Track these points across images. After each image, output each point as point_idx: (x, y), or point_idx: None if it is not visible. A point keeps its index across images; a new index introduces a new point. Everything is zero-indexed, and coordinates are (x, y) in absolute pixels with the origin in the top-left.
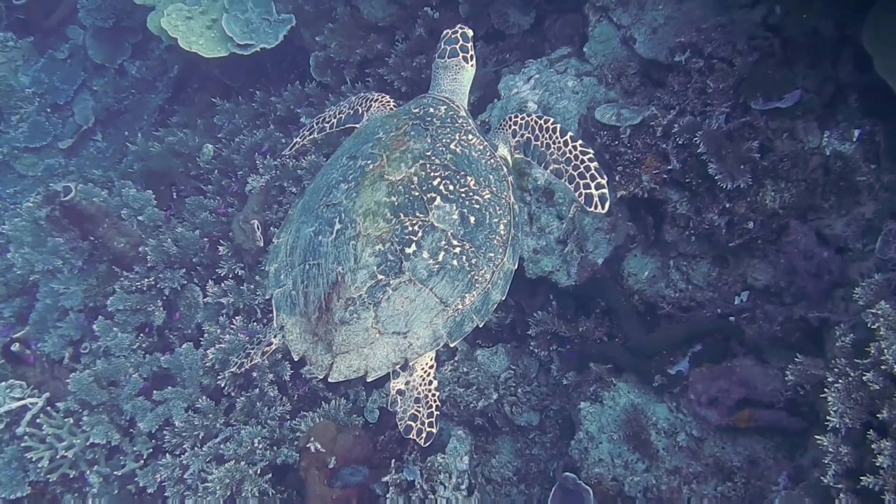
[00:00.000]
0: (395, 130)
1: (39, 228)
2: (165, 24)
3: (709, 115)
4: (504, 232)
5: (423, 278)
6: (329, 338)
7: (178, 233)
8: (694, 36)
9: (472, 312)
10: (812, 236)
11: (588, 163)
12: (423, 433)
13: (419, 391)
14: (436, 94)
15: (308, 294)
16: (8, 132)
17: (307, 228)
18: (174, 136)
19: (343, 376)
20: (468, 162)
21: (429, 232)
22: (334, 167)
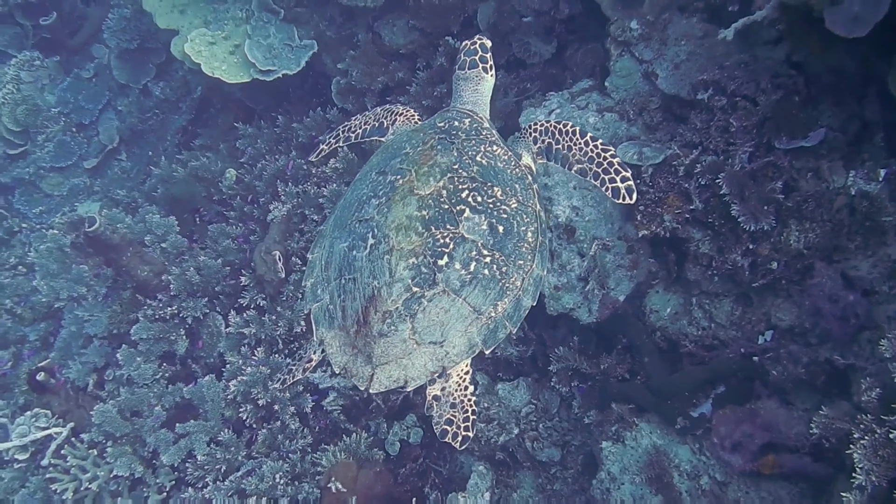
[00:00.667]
0: (422, 145)
1: (64, 255)
2: (189, 49)
3: (732, 153)
4: (532, 239)
5: (457, 288)
6: (368, 350)
7: (200, 261)
8: (717, 73)
9: (504, 319)
10: (837, 279)
11: (611, 159)
12: (459, 437)
13: (455, 396)
14: (459, 106)
15: (346, 308)
16: (34, 151)
17: (341, 244)
18: (197, 160)
19: (384, 387)
20: (494, 172)
21: (460, 243)
22: (364, 183)
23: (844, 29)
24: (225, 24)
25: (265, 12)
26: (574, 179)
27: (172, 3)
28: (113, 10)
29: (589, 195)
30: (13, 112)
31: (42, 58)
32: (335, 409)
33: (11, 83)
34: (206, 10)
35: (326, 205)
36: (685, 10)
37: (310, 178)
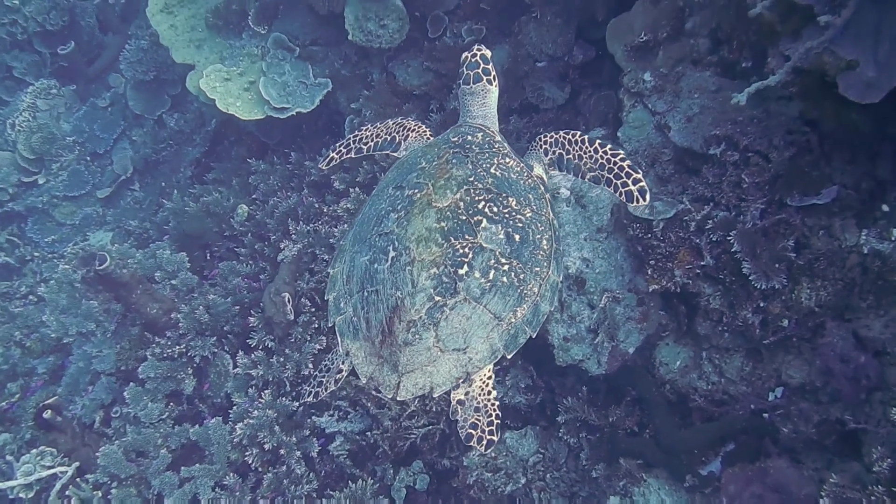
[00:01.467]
0: (438, 159)
1: (74, 290)
2: (204, 85)
3: (744, 209)
4: (547, 246)
5: (477, 296)
6: (394, 359)
7: (210, 300)
8: (729, 128)
9: (524, 325)
10: (849, 339)
11: (621, 163)
12: (484, 440)
13: (479, 401)
14: (470, 121)
15: (370, 319)
16: (48, 180)
17: (361, 257)
18: (209, 195)
19: (410, 394)
20: (508, 183)
21: (478, 253)
22: (381, 198)
23: (858, 94)
24: (240, 61)
25: (280, 50)
26: (585, 231)
27: (189, 38)
28: (130, 42)
29: (599, 247)
30: (28, 140)
31: (59, 86)
32: (341, 453)
33: (28, 111)
34: (222, 46)
35: (337, 245)
36: (698, 63)
37: (321, 216)
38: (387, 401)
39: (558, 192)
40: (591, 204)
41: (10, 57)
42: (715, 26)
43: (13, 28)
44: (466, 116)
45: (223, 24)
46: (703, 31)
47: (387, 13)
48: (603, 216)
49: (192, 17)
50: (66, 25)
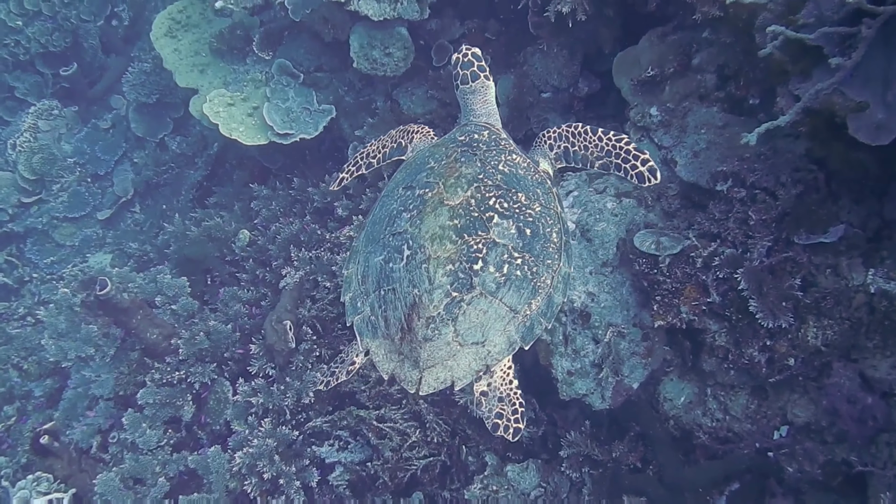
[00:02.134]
0: (446, 158)
1: (74, 314)
2: (207, 110)
3: (750, 247)
4: (557, 239)
5: (493, 290)
6: (415, 355)
7: (210, 326)
8: (736, 165)
9: (539, 316)
10: (856, 380)
11: (627, 146)
12: (511, 429)
13: (501, 391)
14: (474, 119)
15: (388, 318)
16: (48, 201)
17: (376, 257)
18: (211, 219)
19: (432, 388)
20: (516, 179)
21: (492, 248)
22: (392, 198)
23: (868, 137)
24: (244, 86)
25: (284, 76)
26: (590, 265)
27: (193, 63)
28: (133, 64)
29: (605, 281)
30: (29, 160)
31: (60, 107)
32: (341, 483)
33: (29, 131)
34: (225, 71)
35: (339, 272)
36: (705, 99)
37: (324, 243)
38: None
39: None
40: (596, 238)
41: (11, 77)
42: (722, 63)
43: (16, 49)
44: (470, 115)
45: (227, 49)
46: (710, 67)
47: (392, 42)
48: (609, 250)
49: (196, 41)
50: (68, 47)
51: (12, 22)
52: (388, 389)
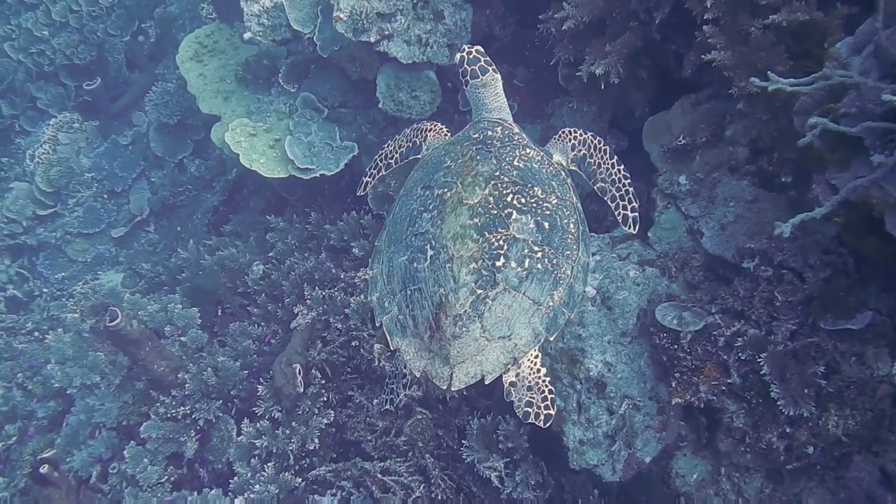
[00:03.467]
0: (462, 157)
1: (82, 340)
2: (229, 139)
3: (775, 329)
4: (574, 230)
5: (516, 285)
6: (444, 352)
7: (219, 362)
8: (764, 243)
9: (562, 307)
10: (875, 474)
11: (628, 188)
12: (542, 416)
13: (530, 380)
14: (486, 115)
15: (416, 317)
16: (63, 215)
17: (400, 258)
18: (225, 249)
19: (463, 383)
20: (532, 174)
21: (512, 244)
22: (411, 198)
23: None
24: (267, 117)
25: (309, 109)
26: (609, 333)
27: (217, 89)
28: (157, 84)
29: (623, 351)
30: (47, 172)
31: (81, 120)
32: None
33: (48, 143)
34: (249, 100)
35: (352, 315)
36: (736, 171)
37: (337, 282)
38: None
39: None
40: (617, 307)
41: (35, 87)
42: (755, 136)
43: (40, 58)
44: (482, 111)
45: (252, 78)
46: (742, 139)
47: (420, 85)
48: (629, 320)
49: (222, 67)
50: (93, 60)
51: (39, 31)
52: (395, 441)
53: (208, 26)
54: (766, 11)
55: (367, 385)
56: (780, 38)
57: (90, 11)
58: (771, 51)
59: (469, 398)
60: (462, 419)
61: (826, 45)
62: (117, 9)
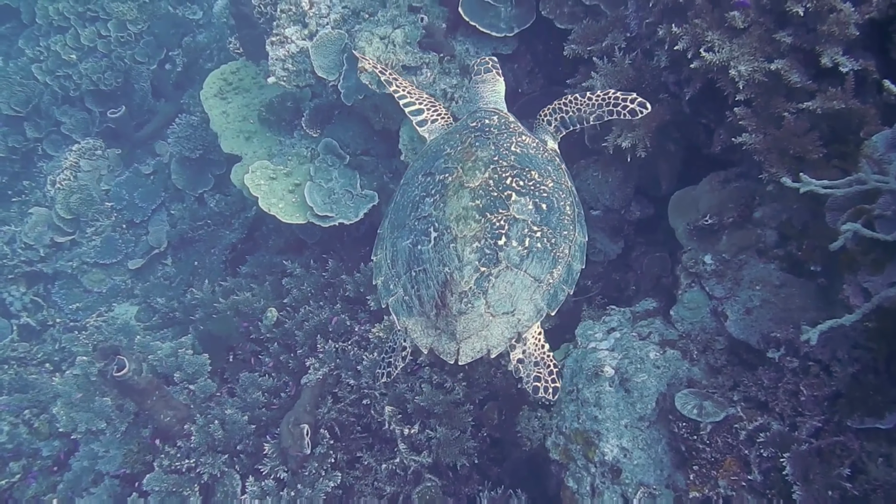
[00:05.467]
0: (462, 144)
1: (89, 384)
2: (249, 181)
3: (799, 424)
4: (570, 211)
5: (517, 263)
6: (451, 328)
7: (227, 415)
8: (791, 332)
9: (561, 284)
10: None
11: (613, 95)
12: (550, 389)
13: (536, 356)
14: (483, 106)
15: (421, 296)
16: (81, 244)
17: (404, 241)
18: (241, 293)
19: (470, 357)
20: (528, 158)
21: (513, 224)
22: (412, 186)
23: None
24: (288, 160)
25: (330, 155)
26: (626, 417)
27: (239, 129)
28: (181, 116)
29: (640, 436)
30: (67, 199)
31: (104, 147)
32: None
33: (70, 170)
34: (271, 142)
35: (364, 373)
36: (764, 254)
37: (351, 335)
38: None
39: (602, 371)
40: (635, 390)
41: (59, 112)
42: (784, 220)
43: (67, 82)
44: (479, 102)
45: (275, 120)
46: (771, 222)
47: None
48: (647, 404)
49: (246, 106)
50: (119, 87)
51: (66, 55)
52: None
53: (234, 63)
54: (800, 94)
55: (377, 445)
56: (815, 124)
57: (119, 37)
58: (804, 137)
59: (480, 466)
60: (472, 488)
61: (862, 134)
62: (146, 36)
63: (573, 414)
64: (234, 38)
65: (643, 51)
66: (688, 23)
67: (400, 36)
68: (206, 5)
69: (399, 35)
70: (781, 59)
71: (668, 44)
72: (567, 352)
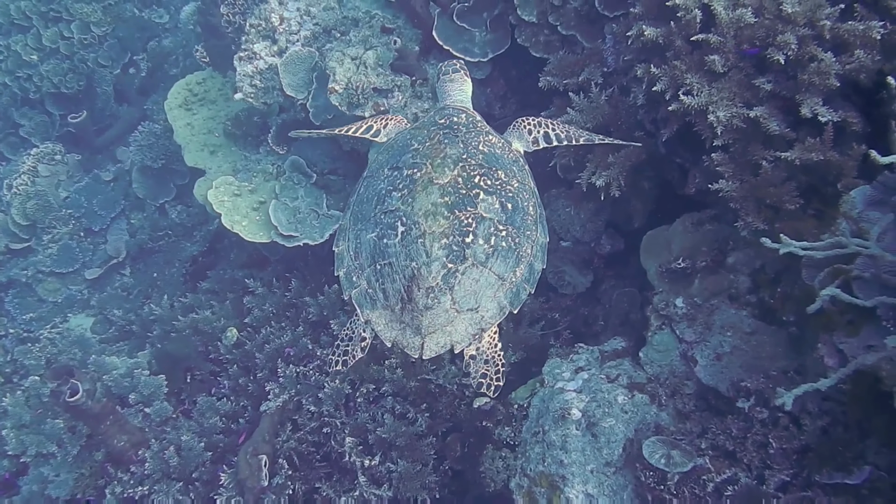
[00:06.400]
0: (430, 140)
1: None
2: (212, 197)
3: (768, 478)
4: (533, 212)
5: (483, 261)
6: (416, 323)
7: (182, 441)
8: (761, 382)
9: (523, 282)
10: None
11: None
12: (492, 386)
13: (488, 354)
14: (450, 103)
15: (386, 290)
16: (37, 252)
17: (368, 234)
18: (200, 311)
19: (434, 352)
20: (495, 158)
21: (480, 222)
22: (377, 179)
23: None
24: (253, 176)
25: (297, 173)
26: (592, 462)
27: (204, 142)
28: (144, 124)
29: (606, 482)
30: (23, 205)
31: (64, 152)
32: None
33: (27, 174)
34: (236, 157)
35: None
36: (736, 300)
37: (313, 359)
38: None
39: (569, 413)
40: (602, 435)
41: (18, 114)
42: (758, 267)
43: (27, 83)
44: (446, 100)
45: (241, 135)
46: (744, 269)
47: None
48: (614, 450)
49: (211, 119)
50: (81, 90)
51: (27, 55)
52: None
53: (200, 73)
54: (778, 142)
55: (336, 476)
56: (792, 174)
57: (82, 39)
58: (781, 187)
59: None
60: None
61: (840, 187)
62: (110, 38)
63: (538, 456)
64: (200, 47)
65: (619, 87)
66: (667, 63)
67: (372, 57)
68: (172, 9)
69: (371, 56)
70: (761, 107)
71: (646, 83)
72: (534, 389)
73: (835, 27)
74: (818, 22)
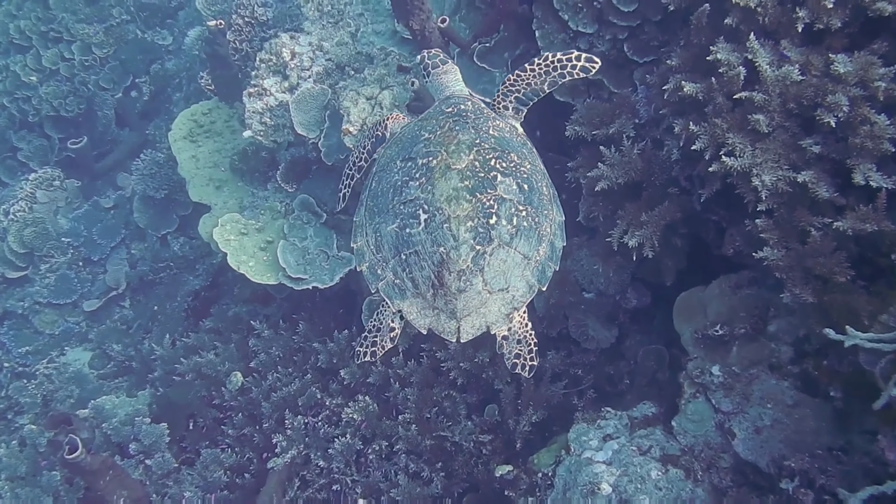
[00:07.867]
0: (441, 129)
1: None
2: (217, 235)
3: None
4: (547, 191)
5: (508, 241)
6: (450, 307)
7: (185, 497)
8: (806, 462)
9: (547, 261)
10: None
11: (556, 58)
12: (527, 366)
13: (520, 333)
14: (453, 94)
15: (415, 278)
16: (34, 282)
17: (388, 226)
18: (204, 353)
19: (470, 335)
20: (506, 142)
21: (501, 203)
22: (390, 172)
23: None
24: (261, 214)
25: (306, 212)
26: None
27: (209, 176)
28: (146, 152)
29: None
30: (20, 232)
31: (63, 177)
32: None
33: (25, 200)
34: (243, 192)
35: (336, 457)
36: (776, 370)
37: (322, 409)
38: None
39: (599, 488)
40: None
41: (17, 137)
42: (802, 336)
43: (26, 105)
44: (446, 92)
45: (248, 170)
46: (787, 337)
47: None
48: None
49: (217, 152)
50: (81, 113)
51: (27, 77)
52: None
53: (206, 103)
54: (825, 207)
55: None
56: (842, 243)
57: (83, 61)
58: (831, 257)
59: None
60: None
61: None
62: (112, 60)
63: None
64: (205, 73)
65: (652, 140)
66: (706, 120)
67: (388, 98)
68: (176, 31)
69: (387, 97)
70: (808, 171)
71: (684, 140)
72: (558, 455)
73: (889, 88)
74: (871, 82)
